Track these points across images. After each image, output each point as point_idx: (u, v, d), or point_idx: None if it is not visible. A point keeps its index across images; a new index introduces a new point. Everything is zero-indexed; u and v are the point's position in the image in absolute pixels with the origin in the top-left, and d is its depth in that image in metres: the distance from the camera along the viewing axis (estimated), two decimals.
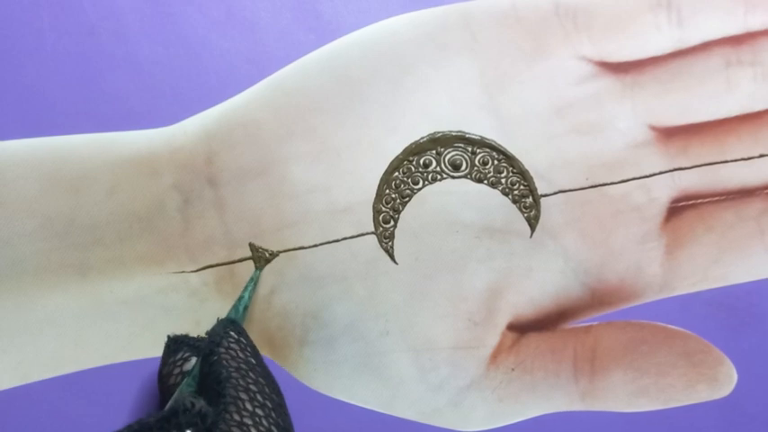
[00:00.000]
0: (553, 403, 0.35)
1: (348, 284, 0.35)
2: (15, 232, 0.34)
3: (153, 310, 0.34)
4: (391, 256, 0.36)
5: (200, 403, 0.26)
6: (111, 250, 0.35)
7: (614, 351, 0.35)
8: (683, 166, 0.36)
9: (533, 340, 0.36)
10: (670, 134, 0.36)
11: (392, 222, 0.36)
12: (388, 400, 0.35)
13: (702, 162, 0.36)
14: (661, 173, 0.36)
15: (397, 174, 0.36)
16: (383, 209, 0.36)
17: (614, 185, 0.36)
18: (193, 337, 0.33)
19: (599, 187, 0.36)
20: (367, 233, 0.36)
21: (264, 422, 0.27)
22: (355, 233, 0.36)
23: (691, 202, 0.36)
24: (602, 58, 0.37)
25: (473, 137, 0.36)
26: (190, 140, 0.35)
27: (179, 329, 0.34)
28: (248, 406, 0.27)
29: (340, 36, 0.37)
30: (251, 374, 0.29)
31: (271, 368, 0.35)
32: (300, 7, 0.37)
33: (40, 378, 0.34)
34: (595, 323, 0.36)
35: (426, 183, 0.36)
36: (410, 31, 0.37)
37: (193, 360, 0.31)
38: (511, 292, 0.36)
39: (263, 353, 0.35)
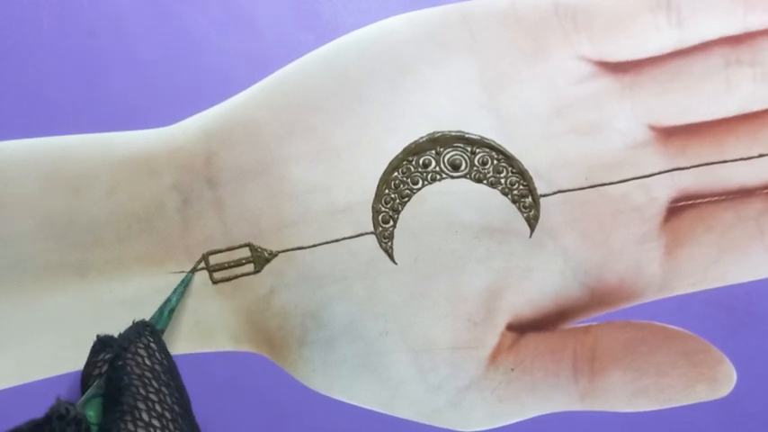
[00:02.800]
0: (553, 403, 0.35)
1: (347, 285, 0.35)
2: (15, 232, 0.34)
3: (152, 311, 0.34)
4: (390, 257, 0.36)
5: (76, 410, 0.26)
6: (111, 250, 0.35)
7: (614, 351, 0.35)
8: (682, 165, 0.36)
9: (533, 340, 0.36)
10: (669, 134, 0.36)
11: (391, 222, 0.36)
12: (387, 400, 0.35)
13: (701, 162, 0.36)
14: (660, 173, 0.36)
15: (396, 174, 0.36)
16: (382, 209, 0.36)
17: (614, 185, 0.36)
18: (118, 340, 0.32)
19: (598, 187, 0.36)
20: (366, 233, 0.36)
21: None
22: (354, 233, 0.36)
23: (690, 202, 0.36)
24: (601, 57, 0.37)
25: (472, 137, 0.36)
26: (189, 140, 0.36)
27: (178, 330, 0.34)
28: (144, 416, 0.27)
29: (339, 36, 0.37)
30: (153, 383, 0.29)
31: (270, 368, 0.35)
32: (300, 7, 0.37)
33: (40, 378, 0.34)
34: (595, 323, 0.36)
35: (426, 183, 0.36)
36: (409, 30, 0.37)
37: None
38: (510, 292, 0.36)
39: (262, 353, 0.35)
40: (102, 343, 0.32)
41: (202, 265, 0.35)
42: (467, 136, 0.36)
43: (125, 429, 0.26)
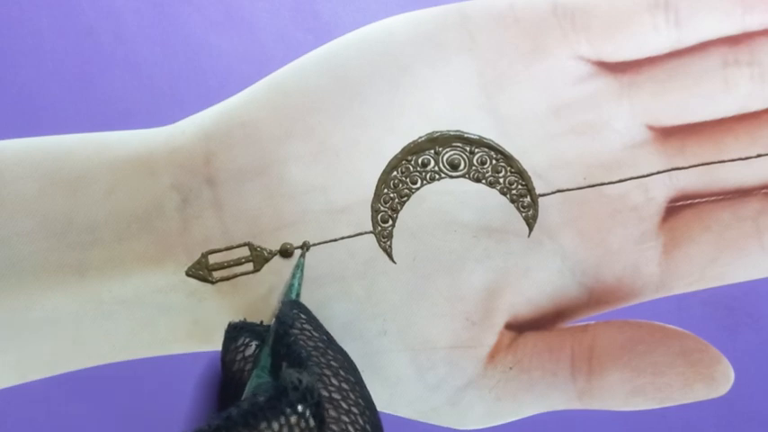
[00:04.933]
0: (550, 402, 0.35)
1: (346, 284, 0.35)
2: (14, 232, 0.35)
3: (151, 310, 0.35)
4: (389, 256, 0.36)
5: (306, 378, 0.25)
6: (110, 250, 0.35)
7: (611, 350, 0.36)
8: (680, 165, 0.36)
9: (531, 339, 0.36)
10: (667, 134, 0.37)
11: (390, 222, 0.36)
12: (386, 399, 0.35)
13: (699, 162, 0.36)
14: (658, 172, 0.36)
15: (395, 173, 0.36)
16: (381, 208, 0.36)
17: (612, 185, 0.36)
18: (252, 323, 0.33)
19: (597, 187, 0.36)
20: (365, 233, 0.36)
21: (352, 395, 0.27)
22: (353, 233, 0.36)
23: (688, 202, 0.36)
24: (599, 58, 0.37)
25: (471, 136, 0.36)
26: (188, 140, 0.36)
27: (177, 329, 0.34)
28: (334, 381, 0.27)
29: (338, 36, 0.37)
30: (329, 352, 0.29)
31: None
32: (299, 7, 0.37)
33: (39, 377, 0.34)
34: (593, 322, 0.36)
35: (425, 182, 0.36)
36: (408, 30, 0.37)
37: (254, 345, 0.31)
38: (508, 291, 0.36)
39: None
40: (238, 328, 0.32)
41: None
42: (465, 136, 0.36)
43: (320, 396, 0.26)
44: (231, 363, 0.31)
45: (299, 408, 0.24)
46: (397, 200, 0.36)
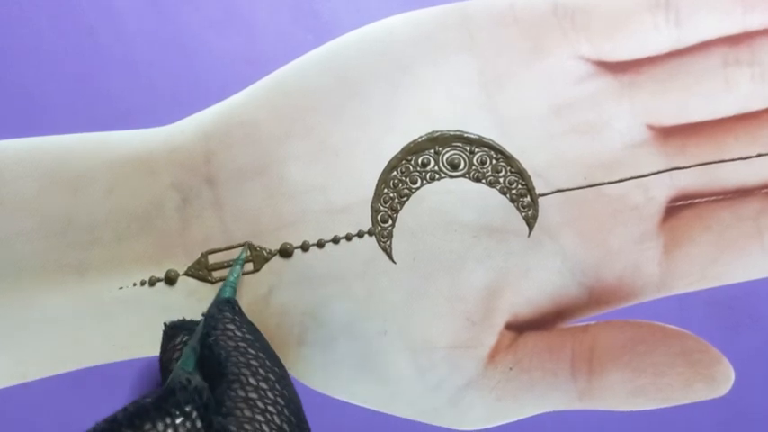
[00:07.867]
0: (551, 402, 0.35)
1: (346, 284, 0.35)
2: (14, 231, 0.35)
3: (151, 310, 0.35)
4: (389, 256, 0.36)
5: (196, 379, 0.25)
6: (110, 249, 0.35)
7: (612, 350, 0.35)
8: (680, 165, 0.36)
9: (531, 339, 0.36)
10: (668, 134, 0.37)
11: (390, 222, 0.36)
12: (386, 399, 0.35)
13: (700, 162, 0.36)
14: (659, 172, 0.36)
15: (395, 173, 0.36)
16: (381, 208, 0.36)
17: (612, 185, 0.36)
18: (190, 321, 0.33)
19: (597, 187, 0.36)
20: (365, 232, 0.36)
21: (270, 394, 0.27)
22: (353, 232, 0.36)
23: (688, 202, 0.36)
24: (600, 57, 0.37)
25: (471, 136, 0.36)
26: (188, 140, 0.36)
27: None
28: (252, 381, 0.27)
29: (338, 35, 0.37)
30: (250, 350, 0.29)
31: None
32: (299, 7, 0.37)
33: (39, 377, 0.34)
34: (593, 322, 0.36)
35: (425, 182, 0.36)
36: (408, 30, 0.37)
37: None
38: (509, 291, 0.36)
39: None
40: (175, 327, 0.32)
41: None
42: (465, 135, 0.36)
43: (236, 396, 0.26)
44: (168, 362, 0.31)
45: (187, 408, 0.24)
46: (396, 200, 0.36)
